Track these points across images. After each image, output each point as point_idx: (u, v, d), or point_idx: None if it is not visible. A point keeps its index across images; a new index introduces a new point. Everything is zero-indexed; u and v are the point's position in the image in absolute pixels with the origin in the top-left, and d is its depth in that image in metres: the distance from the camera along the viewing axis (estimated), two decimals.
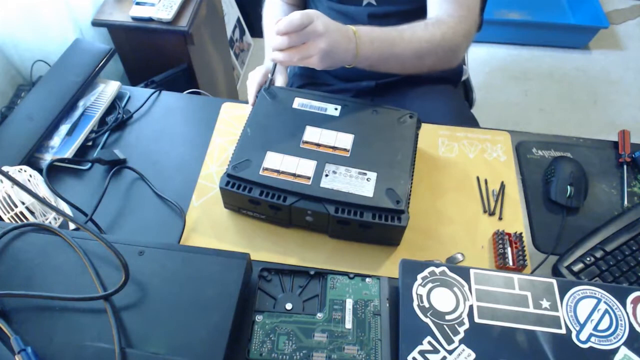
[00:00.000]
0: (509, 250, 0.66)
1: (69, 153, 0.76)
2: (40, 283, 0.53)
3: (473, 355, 0.51)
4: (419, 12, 0.81)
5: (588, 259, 0.64)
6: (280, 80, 0.80)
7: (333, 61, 0.66)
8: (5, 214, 0.63)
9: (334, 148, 0.67)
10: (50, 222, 0.64)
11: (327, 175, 0.64)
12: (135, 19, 1.11)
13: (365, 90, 0.97)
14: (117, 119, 0.83)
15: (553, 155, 0.78)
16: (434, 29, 0.74)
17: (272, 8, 0.92)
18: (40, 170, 0.70)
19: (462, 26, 0.76)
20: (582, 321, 0.53)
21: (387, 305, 0.58)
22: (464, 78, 1.10)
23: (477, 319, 0.53)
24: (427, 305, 0.54)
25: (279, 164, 0.65)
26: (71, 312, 0.51)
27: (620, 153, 0.78)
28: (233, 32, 1.84)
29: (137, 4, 1.12)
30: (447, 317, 0.53)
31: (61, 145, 0.77)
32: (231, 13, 1.83)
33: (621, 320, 0.53)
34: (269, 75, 0.74)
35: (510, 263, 0.65)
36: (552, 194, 0.72)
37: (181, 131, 0.82)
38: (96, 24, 1.13)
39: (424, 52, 0.73)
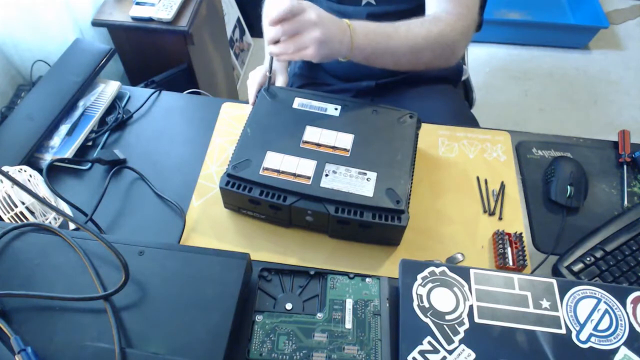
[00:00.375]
0: (509, 250, 0.66)
1: (69, 153, 0.76)
2: (40, 283, 0.53)
3: (473, 355, 0.51)
4: (418, 11, 0.80)
5: (588, 259, 0.64)
6: (280, 80, 0.80)
7: (329, 52, 0.65)
8: (5, 214, 0.63)
9: (334, 148, 0.67)
10: (50, 222, 0.64)
11: (327, 175, 0.64)
12: (135, 19, 1.11)
13: (365, 90, 0.97)
14: (117, 119, 0.83)
15: (553, 155, 0.78)
16: (430, 25, 0.73)
17: None
18: (40, 170, 0.70)
19: (460, 23, 0.75)
20: (582, 321, 0.53)
21: (387, 305, 0.58)
22: (464, 78, 1.10)
23: (477, 319, 0.53)
24: (427, 305, 0.54)
25: (279, 163, 0.65)
26: (71, 312, 0.51)
27: (620, 153, 0.78)
28: (233, 32, 1.84)
29: (137, 4, 1.12)
30: (447, 317, 0.53)
31: (61, 145, 0.77)
32: (231, 13, 1.83)
33: (621, 320, 0.53)
34: (267, 74, 0.74)
35: (510, 263, 0.65)
36: (552, 194, 0.72)
37: (181, 131, 0.82)
38: (96, 24, 1.13)
39: (420, 48, 0.73)
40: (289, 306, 0.57)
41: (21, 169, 0.68)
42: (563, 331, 0.53)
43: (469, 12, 0.76)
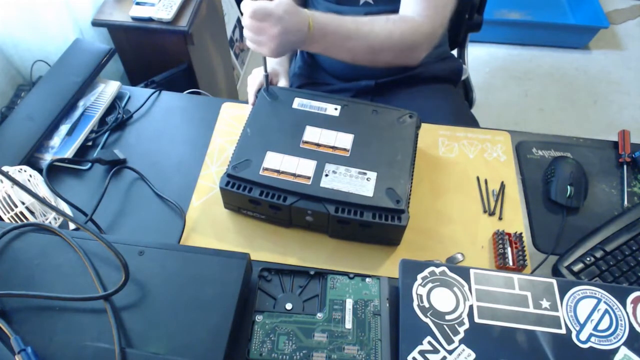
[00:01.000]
0: (509, 250, 0.66)
1: (69, 153, 0.76)
2: (40, 283, 0.53)
3: (473, 355, 0.51)
4: None
5: (588, 259, 0.64)
6: (283, 82, 0.80)
7: (283, 52, 0.68)
8: (5, 214, 0.63)
9: (334, 148, 0.67)
10: (50, 222, 0.64)
11: (327, 175, 0.64)
12: (135, 19, 1.11)
13: (364, 90, 0.97)
14: (117, 119, 0.83)
15: (553, 155, 0.78)
16: (394, 26, 0.74)
17: None
18: (40, 170, 0.70)
19: (425, 27, 0.76)
20: (582, 321, 0.53)
21: (387, 305, 0.58)
22: (463, 77, 1.10)
23: (477, 319, 0.53)
24: (427, 305, 0.54)
25: (279, 164, 0.65)
26: (71, 312, 0.51)
27: (620, 153, 0.78)
28: (233, 32, 1.84)
29: (137, 4, 1.12)
30: (447, 317, 0.53)
31: (61, 145, 0.77)
32: (231, 13, 1.83)
33: (621, 320, 0.53)
34: (264, 72, 0.74)
35: (510, 263, 0.65)
36: (552, 194, 0.72)
37: (181, 131, 0.82)
38: (96, 24, 1.13)
39: (379, 49, 0.74)
40: (289, 306, 0.57)
41: (21, 169, 0.68)
42: (563, 331, 0.53)
43: (436, 16, 0.77)
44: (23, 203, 0.63)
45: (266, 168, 0.65)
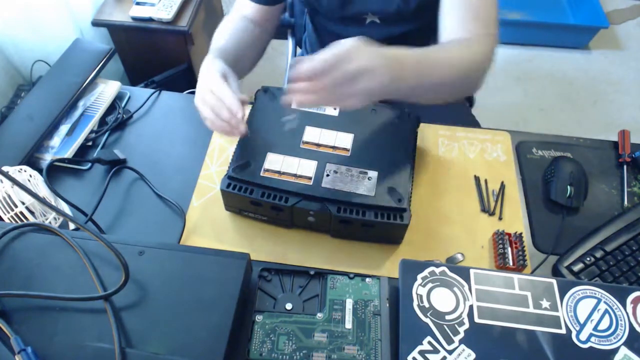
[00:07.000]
0: (509, 250, 0.66)
1: (69, 153, 0.76)
2: (40, 283, 0.53)
3: (473, 355, 0.51)
4: (424, 32, 0.76)
5: (588, 259, 0.64)
6: (233, 84, 0.67)
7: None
8: (5, 214, 0.63)
9: (334, 148, 0.67)
10: (50, 222, 0.64)
11: (328, 175, 0.64)
12: (135, 19, 1.11)
13: None
14: (117, 119, 0.83)
15: (553, 155, 0.78)
16: (468, 49, 0.63)
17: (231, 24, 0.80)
18: (40, 170, 0.70)
19: (487, 47, 0.65)
20: (582, 321, 0.53)
21: (387, 305, 0.57)
22: None
23: (477, 319, 0.53)
24: (427, 305, 0.54)
25: (279, 164, 0.65)
26: (71, 312, 0.51)
27: (620, 153, 0.78)
28: None
29: (137, 4, 1.13)
30: (447, 317, 0.53)
31: (61, 145, 0.77)
32: None
33: (621, 320, 0.53)
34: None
35: (510, 263, 0.65)
36: (552, 194, 0.72)
37: (181, 131, 0.82)
38: (96, 24, 1.13)
39: (464, 75, 0.63)
40: (289, 306, 0.57)
41: (21, 169, 0.68)
42: (563, 331, 0.53)
43: (495, 31, 0.66)
44: (23, 203, 0.63)
45: (267, 169, 0.65)
